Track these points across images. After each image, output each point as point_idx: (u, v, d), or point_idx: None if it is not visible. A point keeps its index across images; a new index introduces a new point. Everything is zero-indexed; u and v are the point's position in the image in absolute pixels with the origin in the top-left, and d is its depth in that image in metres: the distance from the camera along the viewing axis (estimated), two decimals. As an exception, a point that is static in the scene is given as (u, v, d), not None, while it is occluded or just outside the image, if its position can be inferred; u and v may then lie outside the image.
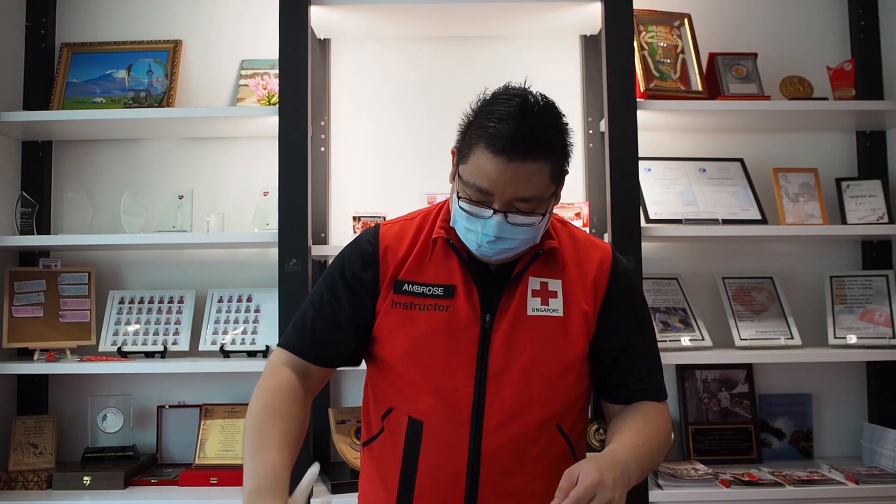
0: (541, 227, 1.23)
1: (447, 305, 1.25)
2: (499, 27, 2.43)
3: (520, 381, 1.23)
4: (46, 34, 2.46)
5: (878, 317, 2.29)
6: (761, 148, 2.48)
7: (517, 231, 1.20)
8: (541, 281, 1.27)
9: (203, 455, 2.25)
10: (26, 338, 2.30)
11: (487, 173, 1.17)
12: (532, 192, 1.18)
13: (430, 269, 1.29)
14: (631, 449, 1.17)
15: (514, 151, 1.14)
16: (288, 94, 2.14)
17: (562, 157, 1.23)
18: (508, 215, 1.18)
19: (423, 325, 1.25)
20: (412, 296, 1.27)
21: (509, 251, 1.24)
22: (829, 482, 2.09)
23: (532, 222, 1.20)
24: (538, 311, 1.26)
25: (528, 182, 1.17)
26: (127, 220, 2.32)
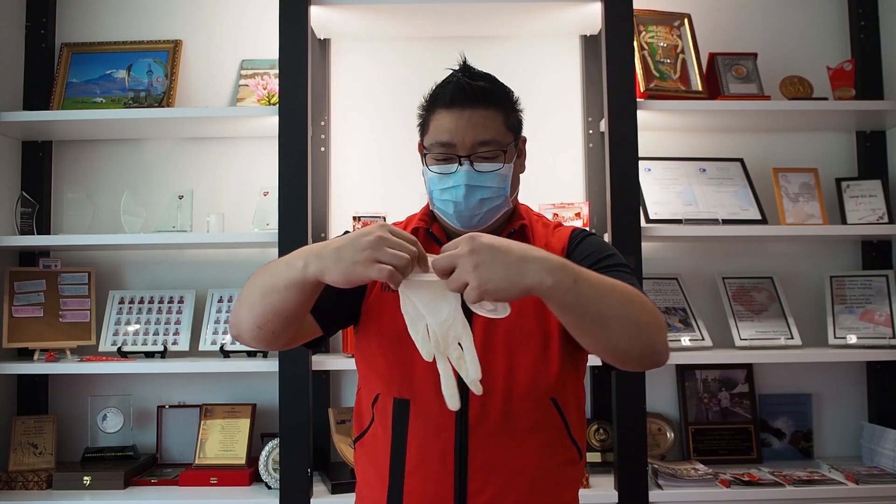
0: (508, 176, 1.29)
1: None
2: (499, 27, 2.43)
3: (503, 352, 1.24)
4: (46, 34, 2.46)
5: (878, 317, 2.29)
6: (761, 148, 2.48)
7: (486, 178, 1.27)
8: None
9: (203, 455, 2.25)
10: (26, 338, 2.30)
11: (445, 126, 1.27)
12: (490, 136, 1.27)
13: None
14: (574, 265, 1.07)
15: (464, 100, 1.27)
16: (288, 94, 2.14)
17: (510, 108, 1.32)
18: (474, 164, 1.26)
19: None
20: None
21: (485, 205, 1.28)
22: (829, 482, 2.09)
23: (498, 167, 1.27)
24: None
25: (483, 126, 1.26)
26: (127, 220, 2.32)
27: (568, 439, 1.28)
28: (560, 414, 1.26)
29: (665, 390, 2.41)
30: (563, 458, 1.28)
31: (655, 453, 2.30)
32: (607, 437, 2.27)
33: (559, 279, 1.02)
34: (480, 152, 1.27)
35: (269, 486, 2.15)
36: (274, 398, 2.12)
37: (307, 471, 2.06)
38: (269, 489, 2.14)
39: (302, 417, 2.06)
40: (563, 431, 1.27)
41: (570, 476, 1.31)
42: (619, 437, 2.06)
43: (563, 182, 2.45)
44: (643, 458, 2.05)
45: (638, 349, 1.11)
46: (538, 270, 1.01)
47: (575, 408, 1.31)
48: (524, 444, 1.23)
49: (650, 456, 2.18)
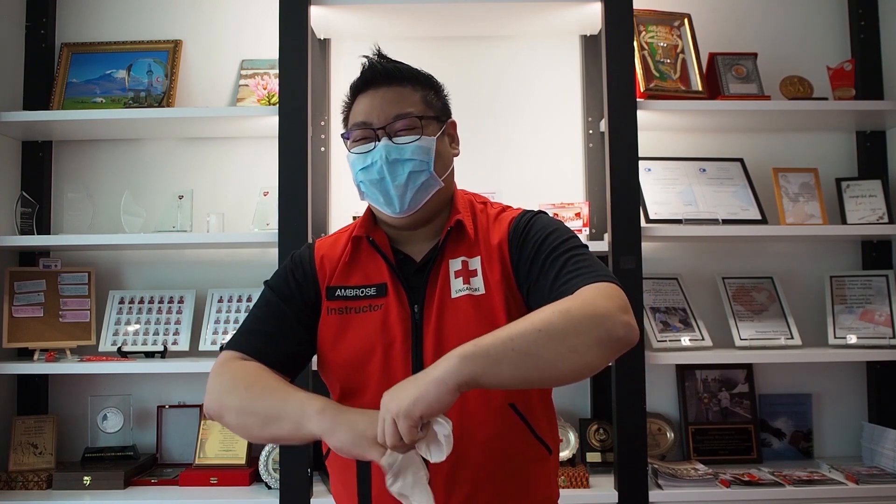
0: (430, 149, 1.25)
1: (381, 304, 1.25)
2: (499, 27, 2.43)
3: None
4: (46, 34, 2.46)
5: (878, 317, 2.29)
6: (761, 148, 2.48)
7: (406, 150, 1.24)
8: (462, 260, 1.26)
9: (203, 455, 2.25)
10: (26, 338, 2.30)
11: (361, 108, 1.27)
12: (406, 109, 1.25)
13: (359, 271, 1.29)
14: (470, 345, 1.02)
15: (376, 80, 1.27)
16: (288, 94, 2.14)
17: (429, 88, 1.32)
18: (393, 137, 1.24)
19: (360, 328, 1.25)
20: (345, 300, 1.27)
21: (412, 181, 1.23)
22: (829, 482, 2.09)
23: (416, 137, 1.24)
24: (461, 291, 1.23)
25: (399, 101, 1.26)
26: (127, 220, 2.32)
27: (533, 439, 1.24)
28: (521, 417, 1.23)
29: (665, 390, 2.42)
30: (530, 457, 1.24)
31: (655, 453, 2.30)
32: (607, 437, 2.27)
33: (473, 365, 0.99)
34: (398, 126, 1.24)
35: (269, 486, 2.15)
36: (274, 398, 2.12)
37: (307, 471, 2.06)
38: (269, 489, 2.15)
39: (302, 417, 2.06)
40: (525, 433, 1.23)
41: (541, 473, 1.26)
42: (619, 437, 2.06)
43: (563, 182, 2.45)
44: (643, 458, 2.05)
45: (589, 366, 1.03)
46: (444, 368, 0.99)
47: (540, 404, 1.26)
48: (484, 454, 1.20)
49: (650, 456, 2.18)
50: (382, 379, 1.21)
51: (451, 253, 1.27)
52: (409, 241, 1.31)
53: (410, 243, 1.31)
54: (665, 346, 2.22)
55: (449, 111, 1.36)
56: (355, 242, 1.31)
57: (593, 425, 2.29)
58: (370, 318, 1.25)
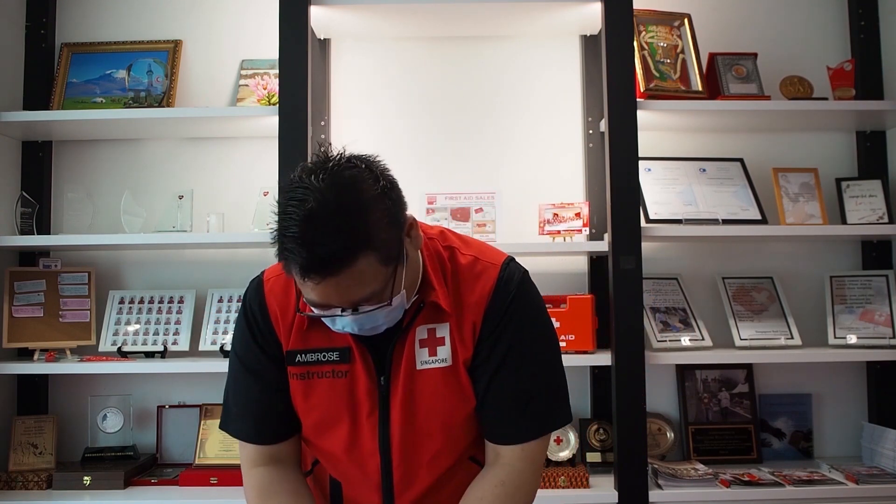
0: (399, 305, 1.12)
1: (346, 371, 1.19)
2: (499, 27, 2.43)
3: (422, 440, 1.20)
4: (46, 34, 2.46)
5: (878, 317, 2.29)
6: (761, 148, 2.48)
7: (375, 318, 1.10)
8: (428, 328, 1.19)
9: (203, 455, 2.25)
10: (26, 338, 2.30)
11: (312, 295, 1.06)
12: (366, 292, 1.05)
13: (318, 333, 1.19)
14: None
15: (320, 273, 1.01)
16: (288, 94, 2.14)
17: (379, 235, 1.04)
18: (358, 310, 1.07)
19: (325, 395, 1.20)
20: (307, 365, 1.20)
21: (384, 327, 1.14)
22: (829, 482, 2.09)
23: (385, 303, 1.09)
24: (426, 363, 1.19)
25: (355, 287, 1.04)
26: (127, 220, 2.32)
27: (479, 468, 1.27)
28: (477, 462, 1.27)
29: (665, 390, 2.41)
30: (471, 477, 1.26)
31: (655, 453, 2.30)
32: (607, 437, 2.27)
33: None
34: (364, 308, 1.08)
35: (269, 486, 2.15)
36: (274, 398, 2.12)
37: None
38: (269, 489, 2.14)
39: (302, 417, 2.06)
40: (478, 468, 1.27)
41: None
42: (619, 437, 2.06)
43: (563, 182, 2.45)
44: (643, 458, 2.05)
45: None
46: None
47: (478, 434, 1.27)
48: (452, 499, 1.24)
49: (650, 456, 2.18)
50: (350, 448, 1.22)
51: (421, 320, 1.19)
52: None
53: None
54: (665, 346, 2.22)
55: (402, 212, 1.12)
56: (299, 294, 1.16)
57: (593, 425, 2.29)
58: (335, 384, 1.19)
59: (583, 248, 2.25)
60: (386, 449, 1.20)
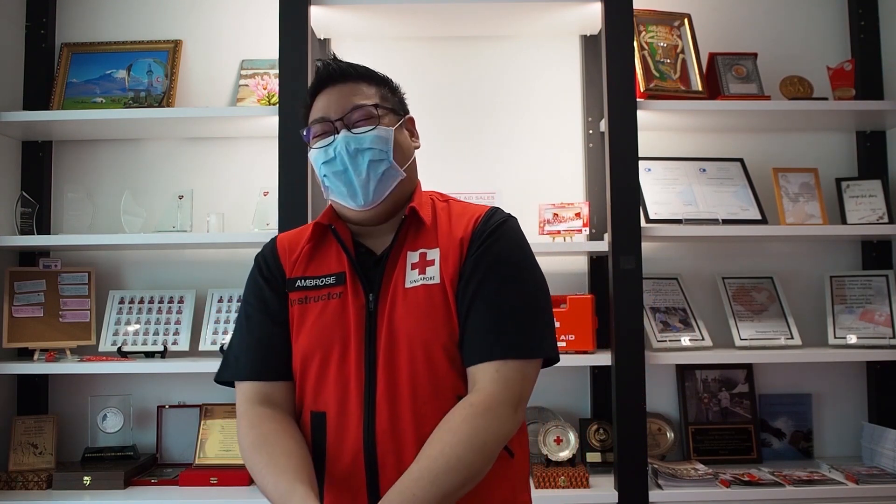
0: (389, 138, 1.28)
1: (340, 292, 1.27)
2: (499, 27, 2.43)
3: (405, 355, 1.20)
4: (46, 34, 2.46)
5: (878, 317, 2.29)
6: (761, 148, 2.48)
7: (364, 140, 1.26)
8: (420, 252, 1.27)
9: (203, 455, 2.25)
10: (26, 338, 2.30)
11: (320, 106, 1.30)
12: (361, 101, 1.28)
13: (321, 262, 1.32)
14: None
15: (330, 78, 1.31)
16: (288, 94, 2.14)
17: (383, 85, 1.35)
18: (351, 129, 1.27)
19: (318, 318, 1.26)
20: (305, 290, 1.30)
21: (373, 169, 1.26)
22: (829, 482, 2.09)
23: (373, 127, 1.27)
24: (415, 282, 1.24)
25: (353, 95, 1.29)
26: (127, 220, 2.32)
27: None
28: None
29: (665, 390, 2.41)
30: None
31: (655, 453, 2.30)
32: (607, 437, 2.27)
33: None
34: (355, 117, 1.27)
35: (269, 486, 2.15)
36: (274, 398, 2.12)
37: (307, 471, 2.05)
38: (269, 489, 2.14)
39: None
40: None
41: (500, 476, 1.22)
42: (619, 437, 2.06)
43: (563, 182, 2.46)
44: (643, 458, 2.05)
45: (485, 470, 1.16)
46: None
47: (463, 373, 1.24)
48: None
49: (650, 456, 2.18)
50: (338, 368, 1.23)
51: (411, 245, 1.28)
52: (370, 236, 1.32)
53: (372, 237, 1.32)
54: (665, 346, 2.22)
55: (406, 108, 1.39)
56: (317, 231, 1.33)
57: (593, 425, 2.29)
58: (328, 306, 1.26)
59: (583, 248, 2.25)
60: (372, 365, 1.21)
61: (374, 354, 1.22)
